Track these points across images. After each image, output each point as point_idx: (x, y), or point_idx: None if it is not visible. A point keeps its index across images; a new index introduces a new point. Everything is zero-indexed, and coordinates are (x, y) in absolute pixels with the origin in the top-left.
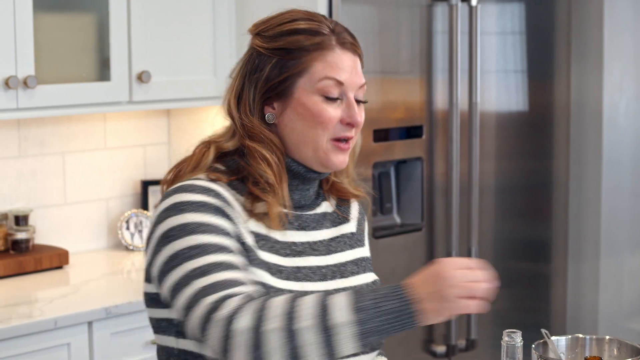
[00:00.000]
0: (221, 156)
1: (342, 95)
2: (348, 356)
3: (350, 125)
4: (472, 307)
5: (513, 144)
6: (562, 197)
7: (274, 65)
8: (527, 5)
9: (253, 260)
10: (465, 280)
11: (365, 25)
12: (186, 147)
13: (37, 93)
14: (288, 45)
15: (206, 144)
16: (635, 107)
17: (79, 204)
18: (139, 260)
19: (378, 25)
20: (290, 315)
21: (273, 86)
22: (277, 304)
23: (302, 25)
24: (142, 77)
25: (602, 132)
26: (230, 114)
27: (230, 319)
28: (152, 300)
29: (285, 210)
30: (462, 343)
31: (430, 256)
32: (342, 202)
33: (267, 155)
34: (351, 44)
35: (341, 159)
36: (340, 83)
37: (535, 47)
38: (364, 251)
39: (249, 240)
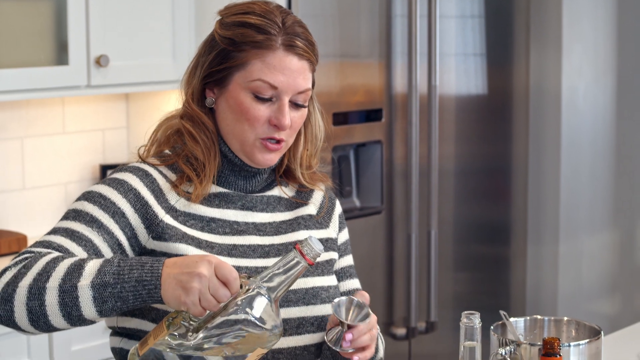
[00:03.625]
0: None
1: (275, 96)
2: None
3: (276, 127)
4: (194, 310)
5: (472, 128)
6: (521, 180)
7: (218, 52)
8: None
9: (173, 236)
10: (205, 288)
11: (324, 9)
12: (145, 131)
13: None
14: (234, 37)
15: (166, 121)
16: (594, 91)
17: (38, 188)
18: None
19: (337, 9)
20: (47, 275)
21: (212, 73)
22: (47, 260)
23: (252, 19)
24: (101, 61)
25: (561, 116)
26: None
27: (3, 272)
28: None
29: (222, 190)
30: (422, 325)
31: (390, 239)
32: (304, 188)
33: (195, 134)
34: (300, 49)
35: (267, 158)
36: (274, 87)
37: (494, 30)
38: (324, 232)
39: (169, 218)
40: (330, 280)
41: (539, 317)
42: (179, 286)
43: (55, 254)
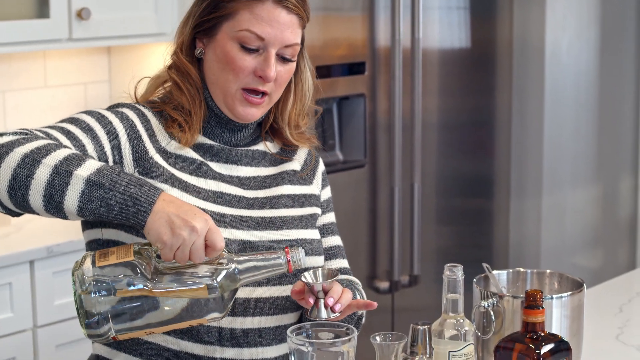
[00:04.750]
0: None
1: (262, 48)
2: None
3: (261, 78)
4: (166, 253)
5: (456, 81)
6: (504, 134)
7: (209, 2)
8: None
9: (160, 176)
10: (190, 242)
11: None
12: (127, 84)
13: None
14: None
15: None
16: (577, 45)
17: None
18: None
19: None
20: (46, 151)
21: (202, 22)
22: (48, 141)
23: None
24: (82, 14)
25: (545, 69)
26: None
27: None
28: None
29: (208, 141)
30: (405, 279)
31: (373, 192)
32: (288, 146)
33: (180, 83)
34: (290, 3)
35: (248, 111)
36: (260, 38)
37: None
38: (308, 189)
39: (158, 158)
40: (313, 234)
41: (521, 269)
42: (168, 225)
43: (56, 141)
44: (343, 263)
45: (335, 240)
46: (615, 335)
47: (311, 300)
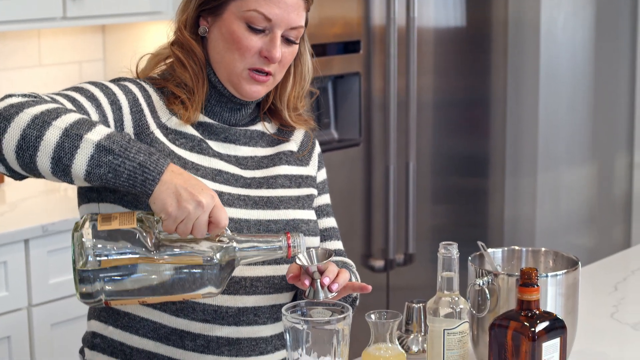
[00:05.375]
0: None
1: (268, 29)
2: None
3: (267, 59)
4: (169, 224)
5: (451, 59)
6: (499, 113)
7: None
8: None
9: (160, 151)
10: (194, 217)
11: None
12: (122, 63)
13: None
14: None
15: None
16: (573, 22)
17: None
18: None
19: None
20: (57, 114)
21: (208, 1)
22: (58, 105)
23: None
24: None
25: (540, 47)
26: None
27: (7, 95)
28: None
29: (207, 120)
30: (400, 257)
31: (368, 171)
32: (285, 127)
33: (184, 60)
34: None
35: (254, 89)
36: (267, 19)
37: None
38: (304, 170)
39: (159, 133)
40: (310, 214)
41: (516, 247)
42: (174, 197)
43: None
44: (338, 245)
45: (330, 222)
46: (610, 314)
47: (307, 282)
